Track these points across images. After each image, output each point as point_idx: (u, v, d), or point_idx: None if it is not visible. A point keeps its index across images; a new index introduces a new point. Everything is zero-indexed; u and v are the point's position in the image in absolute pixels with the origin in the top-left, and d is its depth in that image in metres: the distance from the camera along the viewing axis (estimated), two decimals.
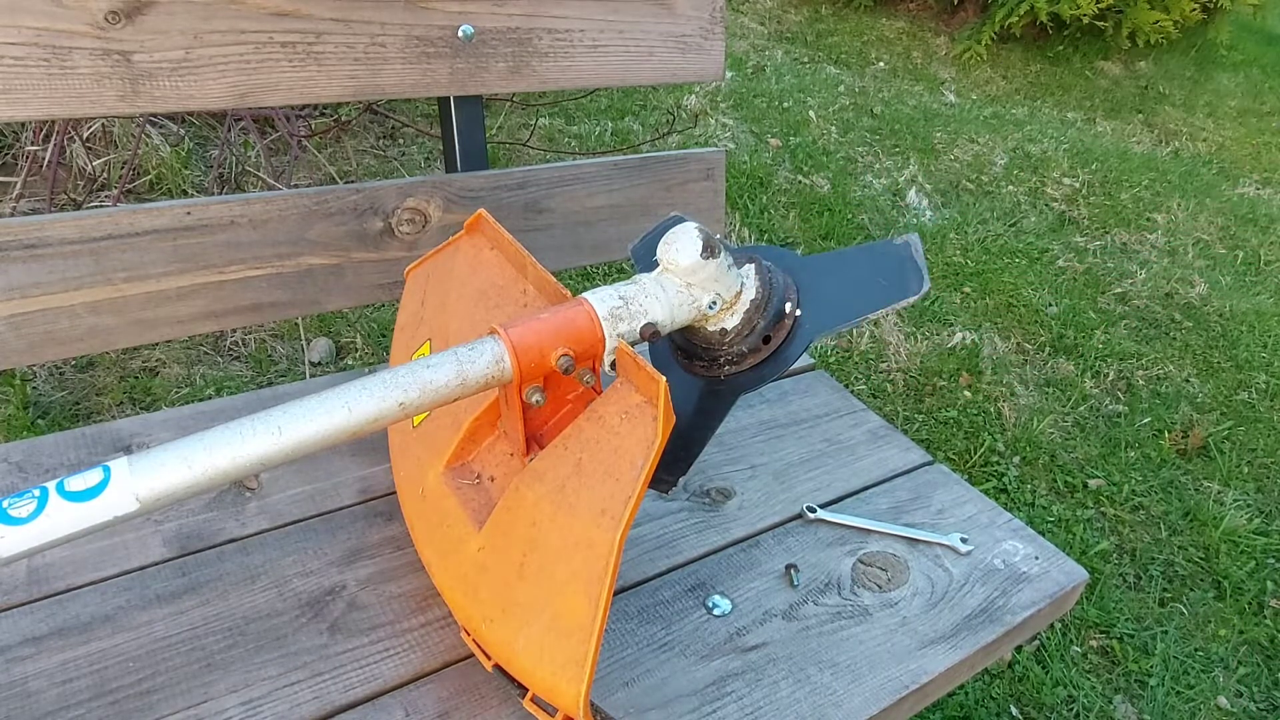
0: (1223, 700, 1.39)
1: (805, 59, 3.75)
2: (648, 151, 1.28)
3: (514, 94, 2.42)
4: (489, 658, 0.56)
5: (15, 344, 0.70)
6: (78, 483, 0.40)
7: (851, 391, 0.96)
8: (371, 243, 0.83)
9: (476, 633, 0.55)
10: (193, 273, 0.75)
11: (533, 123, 2.58)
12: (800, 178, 2.65)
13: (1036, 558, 0.75)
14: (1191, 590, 1.58)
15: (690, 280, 0.53)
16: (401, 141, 2.40)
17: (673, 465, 0.63)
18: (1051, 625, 1.46)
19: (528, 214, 0.91)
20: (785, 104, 3.21)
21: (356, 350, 1.72)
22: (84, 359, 1.58)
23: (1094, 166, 3.13)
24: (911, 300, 0.63)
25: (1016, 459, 1.80)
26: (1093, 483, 1.78)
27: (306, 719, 0.54)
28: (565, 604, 0.48)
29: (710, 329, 0.56)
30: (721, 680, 0.60)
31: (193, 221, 0.73)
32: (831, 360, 1.97)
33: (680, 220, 0.58)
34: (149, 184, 1.92)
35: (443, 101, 0.86)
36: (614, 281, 0.54)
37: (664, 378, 0.47)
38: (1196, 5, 4.04)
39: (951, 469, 0.86)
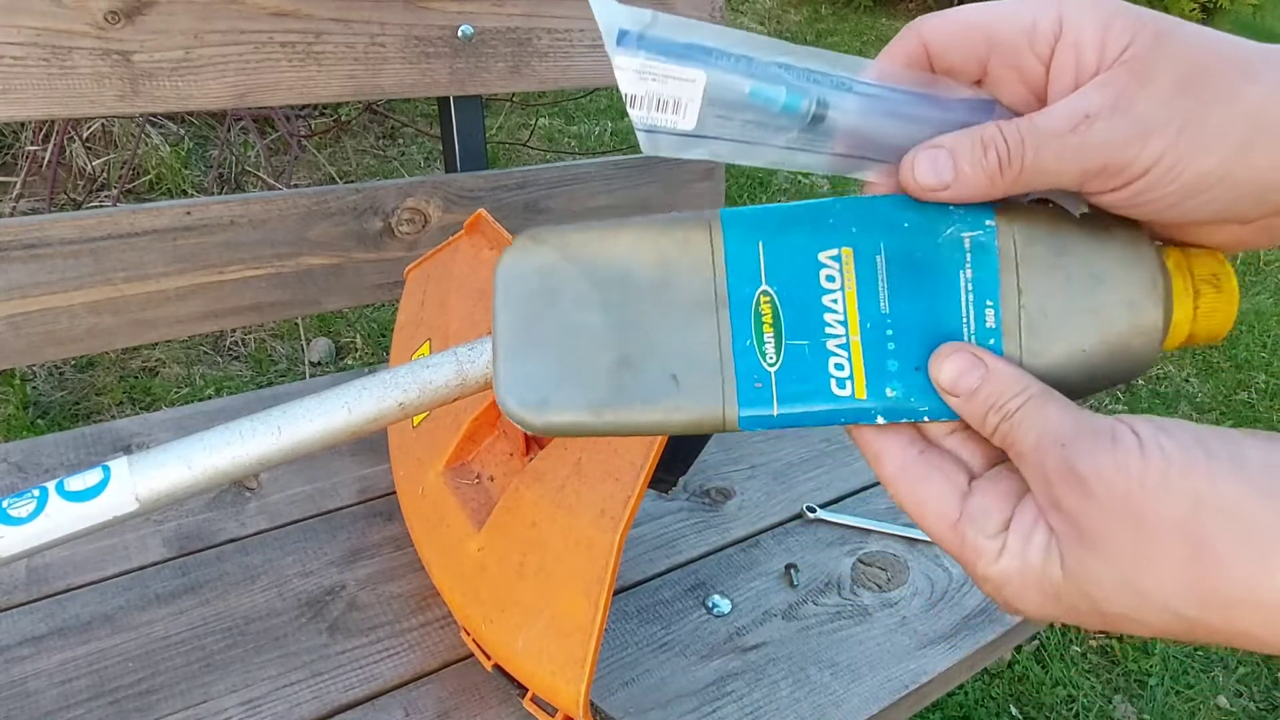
0: (1222, 700, 1.39)
1: None
2: None
3: (513, 94, 2.42)
4: (489, 658, 0.56)
5: (15, 344, 0.70)
6: (77, 483, 0.40)
7: None
8: (371, 243, 0.83)
9: (476, 633, 0.55)
10: (192, 273, 0.75)
11: (532, 123, 2.58)
12: (800, 177, 2.65)
13: None
14: None
15: None
16: (401, 141, 2.40)
17: (673, 465, 0.63)
18: (1051, 625, 1.46)
19: (527, 214, 0.91)
20: None
21: (356, 350, 1.72)
22: (84, 359, 1.58)
23: None
24: None
25: None
26: None
27: (306, 719, 0.54)
28: (565, 604, 0.48)
29: None
30: (721, 680, 0.60)
31: (192, 221, 0.73)
32: None
33: None
34: (149, 184, 1.92)
35: (442, 101, 0.86)
36: None
37: None
38: (1196, 5, 4.05)
39: None
